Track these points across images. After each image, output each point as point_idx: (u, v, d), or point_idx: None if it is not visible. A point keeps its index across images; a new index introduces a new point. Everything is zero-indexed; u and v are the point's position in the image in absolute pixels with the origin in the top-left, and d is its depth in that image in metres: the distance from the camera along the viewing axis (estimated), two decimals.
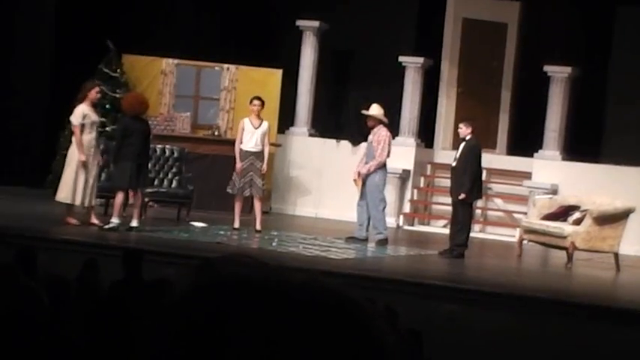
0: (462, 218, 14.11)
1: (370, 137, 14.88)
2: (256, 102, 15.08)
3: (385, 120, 14.93)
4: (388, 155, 14.76)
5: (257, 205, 14.87)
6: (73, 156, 13.87)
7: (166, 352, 1.06)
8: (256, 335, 1.04)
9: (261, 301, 1.05)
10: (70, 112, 17.69)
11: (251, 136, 14.80)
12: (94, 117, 13.96)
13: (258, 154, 14.76)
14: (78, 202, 13.81)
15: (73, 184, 13.77)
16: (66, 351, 4.26)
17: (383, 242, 14.54)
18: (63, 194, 13.89)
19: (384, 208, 14.81)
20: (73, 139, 14.01)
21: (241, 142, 14.82)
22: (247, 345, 1.04)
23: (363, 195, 14.75)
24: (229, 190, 14.90)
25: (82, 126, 13.87)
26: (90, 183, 13.81)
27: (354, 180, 14.87)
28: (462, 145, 14.26)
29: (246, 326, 1.04)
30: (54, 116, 18.02)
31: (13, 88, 19.16)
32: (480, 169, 14.26)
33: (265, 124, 14.94)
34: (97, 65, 17.65)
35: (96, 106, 14.20)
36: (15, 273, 5.25)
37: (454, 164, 14.25)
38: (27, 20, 19.40)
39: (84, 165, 13.73)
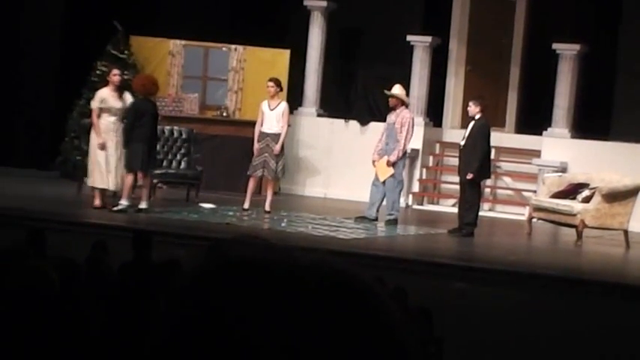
0: (471, 197, 14.11)
1: (392, 118, 14.83)
2: (269, 83, 15.17)
3: (408, 101, 14.98)
4: (411, 137, 14.80)
5: (267, 186, 14.91)
6: (93, 140, 13.93)
7: (177, 334, 1.05)
8: (266, 317, 1.03)
9: (270, 283, 1.05)
10: (78, 94, 17.73)
11: (267, 118, 14.89)
12: (112, 102, 13.91)
13: (274, 136, 14.84)
14: (101, 184, 13.84)
15: (94, 167, 13.83)
16: (77, 331, 4.27)
17: (392, 222, 14.55)
18: (90, 178, 14.03)
19: (401, 190, 14.89)
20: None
21: (261, 125, 14.95)
22: (257, 327, 1.03)
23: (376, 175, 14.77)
24: (248, 172, 15.01)
25: (100, 110, 13.88)
26: (112, 166, 13.82)
27: (374, 161, 14.84)
28: (471, 124, 14.25)
29: (256, 308, 1.04)
30: (62, 98, 18.03)
31: (21, 70, 19.17)
32: (489, 148, 14.24)
33: (281, 106, 15.02)
34: (104, 47, 17.64)
35: (120, 90, 14.10)
36: (26, 254, 5.27)
37: (463, 143, 14.24)
38: (35, 2, 19.39)
39: (102, 148, 13.75)
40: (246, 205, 14.81)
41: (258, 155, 14.87)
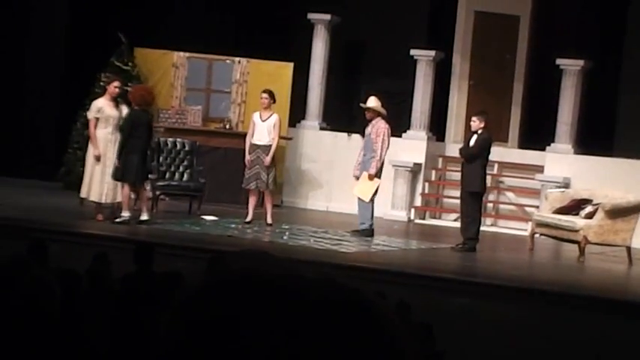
0: (472, 211, 14.07)
1: (368, 129, 14.79)
2: (263, 95, 15.10)
3: (384, 112, 14.82)
4: (387, 147, 14.69)
5: (266, 199, 14.87)
6: (90, 151, 13.89)
7: (180, 347, 1.05)
8: (269, 331, 1.03)
9: (274, 298, 1.05)
10: (82, 106, 17.74)
11: (258, 130, 14.79)
12: (109, 111, 13.88)
13: (265, 148, 14.73)
14: (94, 197, 13.79)
15: (89, 179, 13.78)
16: (79, 342, 4.26)
17: (365, 233, 14.47)
18: (82, 189, 13.95)
19: (372, 200, 14.71)
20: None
21: (252, 136, 14.88)
22: (260, 340, 1.03)
23: None
24: (242, 185, 14.97)
25: (97, 120, 13.83)
26: (108, 178, 13.75)
27: (355, 177, 14.86)
28: (474, 138, 14.22)
29: (259, 322, 1.04)
30: (66, 109, 18.06)
31: (25, 81, 19.20)
32: (486, 161, 14.23)
33: (273, 118, 14.89)
34: (108, 58, 17.67)
35: (116, 100, 14.11)
36: (27, 265, 5.26)
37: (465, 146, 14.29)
38: (40, 14, 19.43)
39: (98, 159, 13.70)
40: (248, 218, 14.78)
41: (250, 168, 14.79)
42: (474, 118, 14.40)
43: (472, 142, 14.20)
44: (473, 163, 14.01)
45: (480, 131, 14.12)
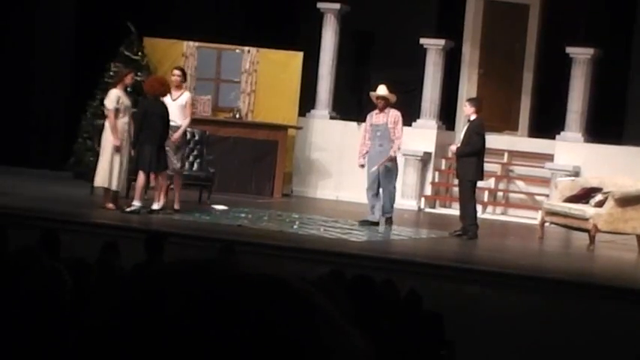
0: (468, 198, 14.13)
1: (381, 119, 14.69)
2: (175, 72, 14.60)
3: (394, 99, 14.82)
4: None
5: (175, 182, 14.15)
6: (108, 141, 13.86)
7: (100, 333, 1.08)
8: (196, 315, 1.05)
9: (205, 284, 1.07)
10: (91, 95, 17.73)
11: (171, 110, 13.90)
12: (127, 101, 13.91)
13: (176, 129, 14.07)
14: (114, 186, 13.83)
15: (109, 168, 13.78)
16: (90, 332, 4.28)
17: (391, 221, 14.57)
18: (99, 179, 13.93)
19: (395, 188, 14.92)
20: (107, 123, 13.92)
21: None
22: (187, 323, 1.05)
23: (373, 179, 14.71)
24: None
25: (117, 110, 13.83)
26: (124, 166, 13.81)
27: (362, 165, 14.84)
28: (467, 126, 14.33)
29: (188, 306, 1.06)
30: (76, 99, 18.08)
31: (35, 70, 19.22)
32: (483, 148, 14.23)
33: (183, 97, 14.29)
34: (118, 48, 17.68)
35: (127, 90, 14.09)
36: (39, 255, 5.27)
37: (459, 145, 14.30)
38: (49, 3, 19.44)
39: (118, 149, 13.72)
40: (155, 206, 13.79)
41: (167, 150, 13.99)
42: (465, 103, 14.52)
43: (462, 136, 14.27)
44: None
45: (472, 117, 14.19)
